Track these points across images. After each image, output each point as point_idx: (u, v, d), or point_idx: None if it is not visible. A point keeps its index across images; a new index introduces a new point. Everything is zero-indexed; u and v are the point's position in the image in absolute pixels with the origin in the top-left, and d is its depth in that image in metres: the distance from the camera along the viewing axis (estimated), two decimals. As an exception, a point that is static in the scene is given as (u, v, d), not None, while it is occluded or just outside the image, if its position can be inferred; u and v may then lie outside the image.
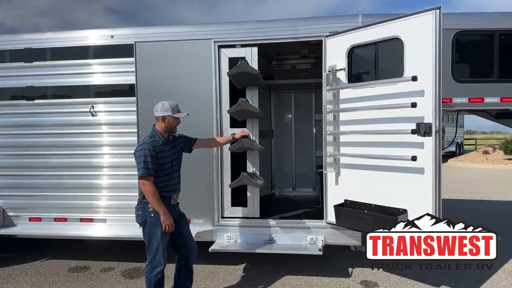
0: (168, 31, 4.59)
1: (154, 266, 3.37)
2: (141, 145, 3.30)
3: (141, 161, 3.22)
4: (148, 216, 3.31)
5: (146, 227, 3.35)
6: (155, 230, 3.32)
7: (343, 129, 4.12)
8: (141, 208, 3.35)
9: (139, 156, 3.24)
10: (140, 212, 3.37)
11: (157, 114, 3.41)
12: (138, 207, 3.39)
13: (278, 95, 6.82)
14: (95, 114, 4.69)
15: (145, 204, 3.32)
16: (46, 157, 4.83)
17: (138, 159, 3.25)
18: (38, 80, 4.82)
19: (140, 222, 3.39)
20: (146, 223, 3.34)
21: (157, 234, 3.32)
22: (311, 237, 4.36)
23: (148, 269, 3.40)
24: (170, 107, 3.39)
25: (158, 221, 3.29)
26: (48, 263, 5.11)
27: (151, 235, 3.34)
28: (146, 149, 3.24)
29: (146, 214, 3.32)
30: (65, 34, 4.81)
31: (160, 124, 3.42)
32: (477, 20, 4.32)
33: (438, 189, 3.39)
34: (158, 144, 3.34)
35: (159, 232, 3.32)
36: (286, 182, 6.85)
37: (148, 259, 3.40)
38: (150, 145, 3.26)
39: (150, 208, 3.30)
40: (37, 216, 4.85)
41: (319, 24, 4.32)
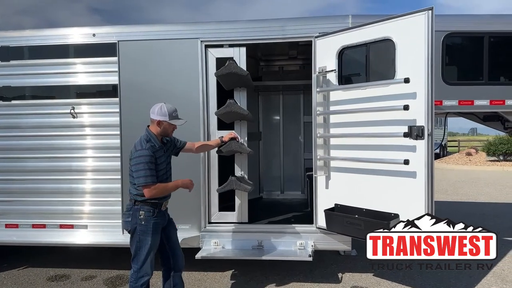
0: (153, 29, 4.43)
1: (140, 276, 3.19)
2: (140, 150, 3.06)
3: (143, 169, 3.01)
4: (139, 223, 3.14)
5: (135, 235, 3.17)
6: (144, 239, 3.15)
7: (333, 131, 4.03)
8: (131, 215, 3.16)
9: (140, 163, 3.02)
10: (129, 219, 3.17)
11: (153, 117, 3.20)
12: (128, 214, 3.19)
13: (266, 96, 6.73)
14: (76, 116, 4.49)
15: (136, 211, 3.14)
16: (24, 161, 4.60)
17: (138, 166, 3.03)
18: (16, 80, 4.60)
19: (129, 229, 3.20)
20: (135, 231, 3.16)
21: (147, 243, 3.15)
22: (301, 243, 4.26)
23: (133, 279, 3.21)
24: (168, 112, 3.18)
25: (148, 228, 3.14)
26: (26, 271, 4.88)
27: (140, 244, 3.16)
28: (146, 155, 3.03)
29: (136, 221, 3.14)
30: (45, 32, 4.60)
31: (155, 128, 3.22)
32: (467, 22, 4.30)
33: (430, 193, 3.33)
34: (156, 149, 3.15)
35: (149, 241, 3.16)
36: (274, 185, 6.75)
37: (134, 268, 3.22)
38: (150, 151, 3.07)
39: (141, 216, 3.12)
40: (14, 222, 4.61)
41: (308, 24, 4.23)
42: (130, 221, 3.18)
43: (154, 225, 3.19)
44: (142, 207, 3.15)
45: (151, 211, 3.16)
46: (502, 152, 17.98)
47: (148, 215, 3.15)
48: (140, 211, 3.13)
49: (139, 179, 3.03)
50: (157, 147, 3.17)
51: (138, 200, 3.15)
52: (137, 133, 4.32)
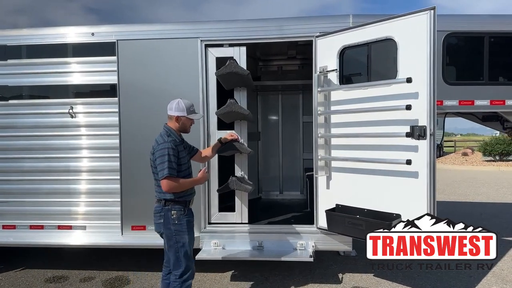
0: (153, 29, 4.39)
1: (184, 279, 3.12)
2: (162, 143, 3.03)
3: (165, 161, 2.96)
4: (172, 223, 3.09)
5: (171, 236, 3.11)
6: (182, 238, 3.11)
7: (334, 131, 4.01)
8: (163, 216, 3.10)
9: (163, 155, 2.98)
10: (161, 220, 3.11)
11: (171, 113, 3.19)
12: (160, 215, 3.12)
13: (264, 96, 6.70)
14: (74, 116, 4.45)
15: (167, 212, 3.09)
16: (22, 161, 4.55)
17: (160, 158, 2.98)
18: (13, 79, 4.55)
19: (161, 231, 3.14)
20: (171, 232, 3.10)
21: (185, 242, 3.12)
22: (301, 243, 4.23)
23: (179, 283, 3.11)
24: (186, 107, 3.16)
25: (183, 227, 3.11)
26: (23, 273, 4.82)
27: (178, 244, 3.11)
28: (169, 147, 3.00)
29: (169, 222, 3.09)
30: (43, 31, 4.55)
31: (174, 124, 3.20)
32: (467, 22, 4.30)
33: (432, 193, 3.31)
34: (177, 143, 3.13)
35: (186, 239, 3.12)
36: (273, 185, 6.72)
37: (177, 273, 3.12)
38: (172, 144, 3.04)
39: (173, 215, 3.08)
40: (11, 223, 4.55)
41: (309, 24, 4.20)
42: (162, 223, 3.11)
43: (188, 222, 3.17)
44: (173, 206, 3.10)
45: (182, 209, 3.13)
46: (498, 152, 18.09)
47: (180, 213, 3.11)
48: (171, 211, 3.08)
49: (163, 171, 2.97)
50: (178, 142, 3.15)
51: (167, 199, 3.10)
52: (136, 133, 4.35)
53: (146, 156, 4.42)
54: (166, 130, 3.19)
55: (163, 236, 3.19)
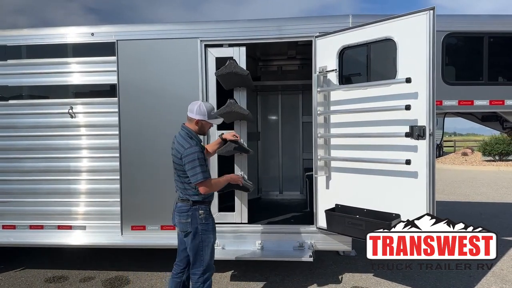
0: (152, 29, 4.39)
1: (206, 278, 3.14)
2: (190, 147, 3.02)
3: (198, 165, 2.98)
4: (200, 223, 3.12)
5: (197, 236, 3.12)
6: (207, 237, 3.15)
7: (334, 131, 4.02)
8: (191, 216, 3.11)
9: (193, 160, 2.98)
10: (189, 220, 3.11)
11: (192, 115, 3.18)
12: (187, 215, 3.12)
13: (264, 96, 6.71)
14: (74, 116, 4.45)
15: (195, 211, 3.11)
16: (22, 161, 4.55)
17: (192, 163, 2.98)
18: (13, 79, 4.55)
19: (190, 230, 3.13)
20: (197, 232, 3.12)
21: (210, 241, 3.17)
22: (301, 243, 4.24)
23: (200, 283, 3.13)
24: (207, 112, 3.17)
25: (209, 227, 3.17)
26: (23, 273, 4.83)
27: (203, 244, 3.13)
28: (198, 151, 3.02)
29: (197, 221, 3.11)
30: (42, 31, 4.55)
31: (193, 126, 3.20)
32: (467, 23, 4.30)
33: (432, 193, 3.32)
34: (200, 145, 3.18)
35: (211, 239, 3.18)
36: (272, 185, 6.73)
37: (198, 271, 3.14)
38: (199, 147, 3.08)
39: (201, 215, 3.11)
40: (11, 223, 4.55)
41: (309, 24, 4.21)
42: (190, 222, 3.12)
43: (213, 222, 3.24)
44: (200, 206, 3.14)
45: (208, 209, 3.19)
46: (497, 152, 18.09)
47: (207, 213, 3.16)
48: (199, 210, 3.11)
49: (197, 176, 2.98)
50: (200, 144, 3.19)
51: (195, 200, 3.12)
52: (136, 133, 4.35)
53: (146, 156, 4.45)
54: (187, 132, 3.18)
55: (187, 236, 3.16)
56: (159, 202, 4.34)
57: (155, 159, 4.33)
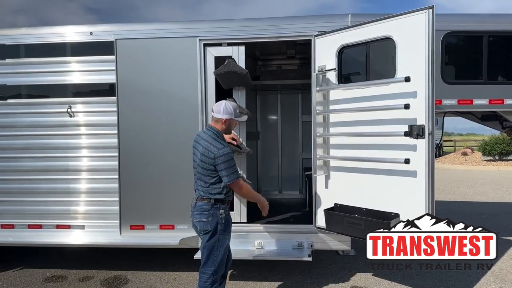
0: (151, 28, 4.38)
1: (214, 280, 3.12)
2: (223, 148, 3.04)
3: (233, 165, 3.05)
4: (220, 223, 3.12)
5: (215, 235, 3.12)
6: (224, 237, 3.16)
7: (333, 131, 4.01)
8: (212, 214, 3.10)
9: (229, 159, 3.02)
10: (210, 218, 3.10)
11: (219, 116, 3.17)
12: (208, 213, 3.11)
13: (264, 96, 6.70)
14: (72, 115, 4.44)
15: (216, 210, 3.11)
16: (20, 160, 4.54)
17: (227, 163, 3.01)
18: (12, 79, 4.53)
19: (209, 229, 3.12)
20: (216, 231, 3.11)
21: (225, 242, 3.17)
22: (300, 242, 4.23)
23: (209, 283, 3.11)
24: (234, 110, 3.20)
25: (227, 227, 3.17)
26: (21, 272, 4.82)
27: (219, 243, 3.13)
28: (230, 151, 3.07)
29: (217, 221, 3.11)
30: (41, 30, 4.54)
31: (220, 126, 3.21)
32: (466, 22, 4.30)
33: (431, 192, 3.31)
34: None
35: (227, 239, 3.19)
36: (272, 185, 6.72)
37: (208, 271, 3.12)
38: (229, 148, 3.12)
39: (221, 214, 3.12)
40: (10, 223, 4.55)
41: (308, 23, 4.19)
42: (211, 221, 3.11)
43: (230, 224, 3.24)
44: (221, 205, 3.15)
45: (227, 209, 3.20)
46: (497, 152, 18.08)
47: (226, 213, 3.18)
48: (220, 209, 3.12)
49: (232, 176, 3.04)
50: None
51: (217, 198, 3.12)
52: (135, 132, 4.34)
53: (144, 155, 4.44)
54: (215, 132, 3.18)
55: (206, 234, 3.15)
56: (158, 201, 4.34)
57: (154, 158, 4.32)
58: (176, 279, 4.52)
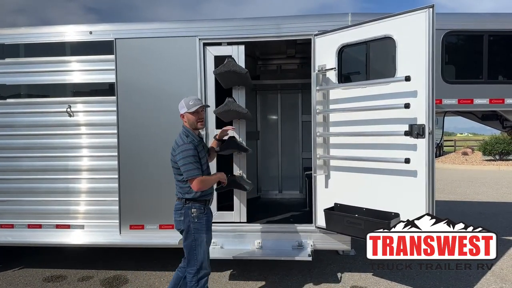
0: (151, 27, 4.37)
1: (200, 277, 3.16)
2: (183, 145, 3.08)
3: (191, 162, 3.03)
4: (192, 222, 3.13)
5: (189, 234, 3.15)
6: (200, 236, 3.15)
7: (333, 130, 4.00)
8: (183, 214, 3.14)
9: (186, 156, 3.03)
10: (181, 218, 3.15)
11: (180, 113, 3.25)
12: (180, 213, 3.16)
13: (264, 95, 6.69)
14: (72, 114, 4.43)
15: (187, 209, 3.13)
16: (20, 160, 4.54)
17: (183, 160, 3.03)
18: (11, 78, 4.53)
19: (182, 228, 3.17)
20: (189, 230, 3.14)
21: (203, 240, 3.16)
22: (300, 242, 4.22)
23: (194, 281, 3.15)
24: (185, 104, 3.21)
25: (202, 225, 3.15)
26: (21, 272, 4.82)
27: (196, 242, 3.15)
28: (190, 148, 3.06)
29: (189, 220, 3.13)
30: (40, 29, 4.54)
31: (185, 123, 3.26)
32: (467, 21, 4.29)
33: (431, 192, 3.30)
34: (196, 143, 3.17)
35: (204, 238, 3.17)
36: (272, 184, 6.71)
37: (192, 270, 3.17)
38: (192, 145, 3.10)
39: (193, 213, 3.13)
40: (9, 222, 4.54)
41: (308, 22, 4.19)
42: (183, 220, 3.15)
43: (207, 221, 3.22)
44: (193, 205, 3.15)
45: (202, 208, 3.18)
46: (498, 151, 18.07)
47: (200, 212, 3.16)
48: (192, 209, 3.13)
49: (188, 172, 3.03)
50: (196, 142, 3.19)
51: (188, 198, 3.15)
52: (134, 132, 4.33)
53: (144, 155, 4.44)
54: (184, 130, 3.24)
55: (181, 233, 3.22)
56: (157, 201, 4.33)
57: (153, 158, 4.31)
58: (176, 279, 4.51)
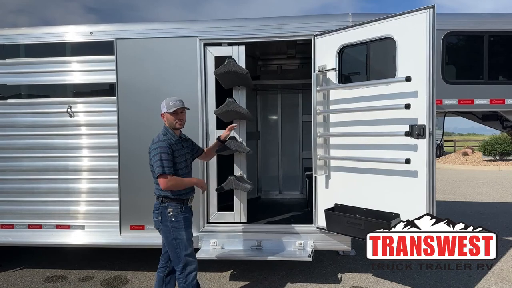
0: (151, 28, 4.38)
1: (188, 272, 3.19)
2: (156, 142, 3.14)
3: (159, 159, 3.06)
4: (169, 221, 3.16)
5: (169, 233, 3.19)
6: (179, 234, 3.18)
7: (333, 131, 4.00)
8: (161, 213, 3.19)
9: (156, 154, 3.08)
10: (159, 217, 3.20)
11: (161, 112, 3.31)
12: (157, 212, 3.22)
13: (264, 96, 6.69)
14: (72, 115, 4.44)
15: (164, 209, 3.17)
16: (20, 160, 4.54)
17: (155, 157, 3.08)
18: (12, 78, 4.53)
19: (160, 227, 3.23)
20: (168, 229, 3.18)
21: (182, 238, 3.18)
22: (300, 243, 4.22)
23: (182, 278, 3.19)
24: (166, 104, 3.25)
25: (180, 223, 3.17)
26: (21, 272, 4.81)
27: (176, 241, 3.18)
28: (163, 146, 3.10)
29: (166, 219, 3.17)
30: (41, 30, 4.54)
31: (165, 122, 3.30)
32: (467, 21, 4.29)
33: (432, 192, 3.30)
34: (172, 142, 3.20)
35: (184, 235, 3.19)
36: (272, 185, 6.71)
37: (179, 268, 3.21)
38: (166, 143, 3.13)
39: (170, 213, 3.16)
40: (10, 223, 4.54)
41: (308, 23, 4.19)
42: (160, 220, 3.19)
43: (185, 219, 3.23)
44: (170, 204, 3.18)
45: (179, 207, 3.20)
46: (498, 152, 18.07)
47: (176, 211, 3.19)
48: (168, 208, 3.16)
49: (157, 169, 3.06)
50: (173, 141, 3.21)
51: (164, 196, 3.19)
52: (135, 132, 4.33)
53: (144, 155, 4.40)
54: (163, 130, 3.30)
55: (160, 232, 3.28)
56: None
57: (153, 158, 4.31)
58: (176, 279, 4.51)
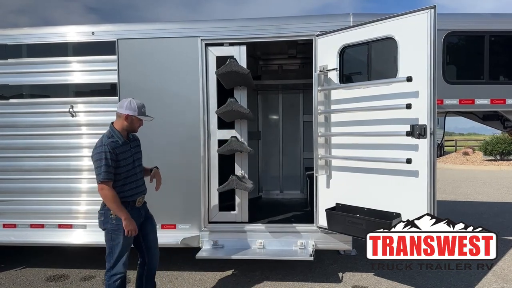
0: (153, 28, 4.39)
1: (112, 274, 3.21)
2: (99, 147, 3.05)
3: (101, 165, 2.99)
4: (110, 223, 3.14)
5: (108, 234, 3.20)
6: (116, 237, 3.16)
7: (334, 130, 4.01)
8: (103, 214, 3.18)
9: (98, 159, 3.01)
10: (102, 218, 3.20)
11: (121, 111, 3.17)
12: (101, 213, 3.20)
13: (265, 95, 6.70)
14: (74, 115, 4.45)
15: (107, 211, 3.14)
16: (22, 160, 4.55)
17: (96, 162, 3.02)
18: (14, 78, 4.55)
19: (102, 228, 3.24)
20: (108, 230, 3.19)
21: (119, 242, 3.16)
22: (301, 242, 4.24)
23: (107, 277, 3.24)
24: (137, 107, 3.18)
25: (120, 228, 3.12)
26: (23, 272, 4.83)
27: (112, 243, 3.19)
28: (105, 151, 3.01)
29: (108, 220, 3.15)
30: (43, 30, 4.56)
31: (122, 123, 3.19)
32: (468, 21, 4.30)
33: (433, 192, 3.32)
34: (118, 145, 3.12)
35: (121, 240, 3.16)
36: (273, 184, 6.72)
37: (107, 266, 3.23)
38: (109, 147, 3.04)
39: (112, 215, 3.12)
40: (12, 222, 4.56)
41: (309, 23, 4.20)
42: (102, 220, 3.19)
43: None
44: None
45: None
46: (499, 151, 18.06)
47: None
48: (110, 210, 3.12)
49: (98, 176, 3.02)
50: (120, 143, 3.14)
51: None
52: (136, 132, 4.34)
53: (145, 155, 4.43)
54: (109, 131, 3.19)
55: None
56: (159, 201, 4.32)
57: (154, 158, 4.30)
58: (177, 279, 4.53)
